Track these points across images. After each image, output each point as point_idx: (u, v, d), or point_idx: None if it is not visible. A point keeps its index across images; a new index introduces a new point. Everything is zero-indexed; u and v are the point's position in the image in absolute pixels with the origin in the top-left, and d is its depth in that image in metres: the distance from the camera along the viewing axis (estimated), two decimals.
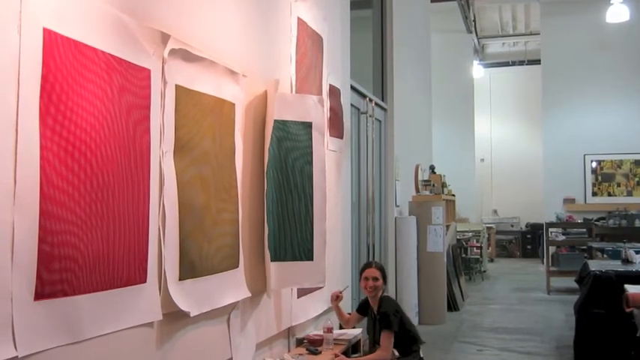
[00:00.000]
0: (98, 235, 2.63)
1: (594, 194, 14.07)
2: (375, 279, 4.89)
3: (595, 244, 10.76)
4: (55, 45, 2.39)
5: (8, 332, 2.17)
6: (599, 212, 13.35)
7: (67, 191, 2.44)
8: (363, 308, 5.17)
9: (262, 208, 4.19)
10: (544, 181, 14.49)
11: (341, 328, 5.35)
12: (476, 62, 18.11)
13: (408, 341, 4.88)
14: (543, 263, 13.24)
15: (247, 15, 4.13)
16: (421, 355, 4.96)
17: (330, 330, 4.91)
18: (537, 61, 15.92)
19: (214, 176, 3.55)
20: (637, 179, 13.91)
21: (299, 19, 4.92)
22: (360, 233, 7.25)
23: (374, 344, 4.93)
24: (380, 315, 4.83)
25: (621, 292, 5.20)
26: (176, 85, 3.20)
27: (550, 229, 12.21)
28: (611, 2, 12.22)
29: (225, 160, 3.69)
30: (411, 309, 8.43)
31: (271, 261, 4.19)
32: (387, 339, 4.73)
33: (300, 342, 4.96)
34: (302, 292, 4.92)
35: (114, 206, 2.73)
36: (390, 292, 8.22)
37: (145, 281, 2.95)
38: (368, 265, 5.06)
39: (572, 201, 14.01)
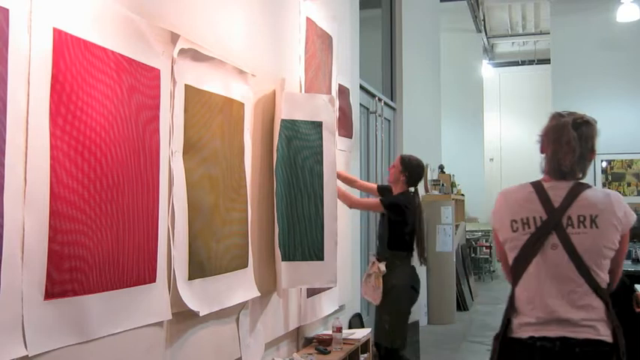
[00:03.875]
0: (108, 234, 2.64)
1: None
2: (393, 166, 5.09)
3: None
4: (65, 45, 2.39)
5: (18, 331, 2.18)
6: None
7: (77, 191, 2.45)
8: (382, 190, 5.28)
9: (271, 207, 4.19)
10: None
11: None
12: (485, 62, 18.04)
13: (400, 246, 4.91)
14: None
15: (256, 14, 4.13)
16: (412, 264, 4.99)
17: (339, 330, 4.91)
18: (547, 61, 15.84)
19: (223, 176, 3.55)
20: None
21: (308, 18, 4.91)
22: (369, 233, 7.24)
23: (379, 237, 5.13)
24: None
25: (632, 292, 5.17)
26: (185, 85, 3.20)
27: None
28: (622, 1, 12.17)
29: (235, 159, 3.69)
30: (420, 309, 8.42)
31: (282, 260, 4.19)
32: (367, 200, 5.08)
33: (309, 342, 4.96)
34: (311, 292, 4.92)
35: (123, 206, 2.73)
36: None
37: (154, 281, 2.95)
38: None
39: None
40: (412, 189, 5.03)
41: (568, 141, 2.78)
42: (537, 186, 2.83)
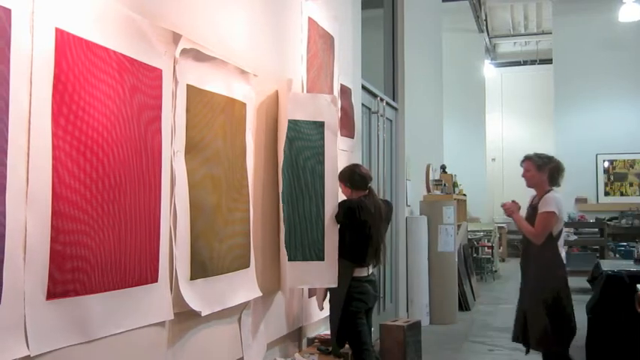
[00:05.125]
0: (110, 234, 2.64)
1: (606, 194, 13.99)
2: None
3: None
4: (67, 45, 2.39)
5: (21, 331, 2.18)
6: (611, 212, 13.27)
7: (79, 191, 2.45)
8: None
9: (274, 207, 4.19)
10: None
11: None
12: (487, 62, 18.03)
13: (340, 252, 4.42)
14: None
15: (258, 14, 4.13)
16: (355, 274, 4.42)
17: None
18: (549, 61, 15.84)
19: (225, 176, 3.55)
20: None
21: (310, 18, 4.91)
22: None
23: None
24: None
25: (633, 292, 5.17)
26: (187, 85, 3.20)
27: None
28: (624, 1, 12.15)
29: (237, 159, 3.69)
30: (421, 309, 8.42)
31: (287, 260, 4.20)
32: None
33: (311, 341, 4.96)
34: (313, 292, 4.92)
35: (125, 206, 2.74)
36: (401, 292, 8.22)
37: (156, 281, 2.95)
38: None
39: (585, 201, 13.93)
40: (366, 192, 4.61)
41: None
42: None
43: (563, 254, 5.11)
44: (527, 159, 5.05)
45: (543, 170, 4.97)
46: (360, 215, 4.40)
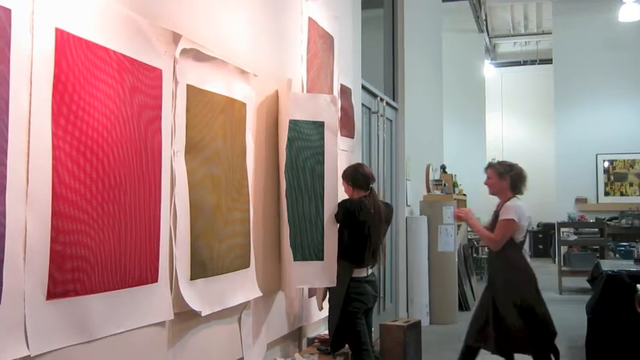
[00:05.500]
0: (110, 234, 2.64)
1: (606, 194, 13.97)
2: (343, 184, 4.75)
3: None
4: (67, 45, 2.40)
5: (21, 331, 2.18)
6: (611, 212, 13.27)
7: (79, 191, 2.45)
8: None
9: (274, 207, 4.19)
10: (556, 180, 14.40)
11: None
12: (487, 62, 18.02)
13: (340, 253, 4.42)
14: (555, 263, 13.17)
15: (258, 15, 4.13)
16: (354, 275, 4.43)
17: None
18: (549, 61, 15.82)
19: (225, 176, 3.55)
20: None
21: (310, 18, 4.91)
22: None
23: None
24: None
25: (634, 291, 5.17)
26: (187, 85, 3.20)
27: (562, 229, 12.14)
28: (624, 1, 12.14)
29: (237, 159, 3.69)
30: (421, 308, 8.42)
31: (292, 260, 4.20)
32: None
33: (311, 341, 4.96)
34: (313, 292, 4.92)
35: (125, 206, 2.74)
36: (401, 292, 8.22)
37: (156, 281, 2.95)
38: None
39: (584, 201, 13.92)
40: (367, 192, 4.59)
41: None
42: None
43: (528, 260, 5.24)
44: (490, 166, 5.13)
45: (504, 178, 5.00)
46: (359, 215, 4.39)
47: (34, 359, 2.24)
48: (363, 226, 4.43)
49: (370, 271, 4.57)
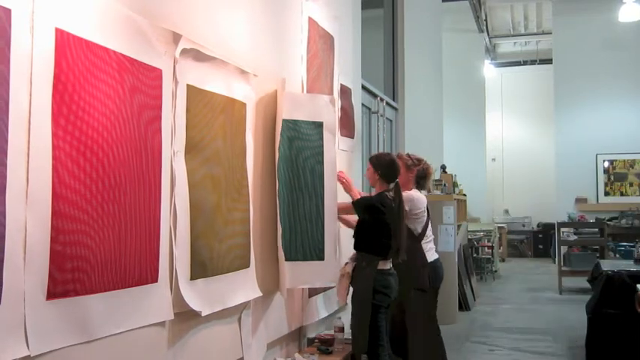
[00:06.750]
0: (110, 234, 2.64)
1: (606, 194, 13.99)
2: (367, 170, 4.80)
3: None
4: (67, 45, 2.39)
5: (21, 331, 2.18)
6: (611, 212, 13.28)
7: (79, 191, 2.45)
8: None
9: (273, 207, 4.19)
10: (556, 180, 14.42)
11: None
12: (487, 62, 18.04)
13: (366, 247, 4.52)
14: (555, 263, 13.18)
15: (258, 14, 4.13)
16: (379, 267, 4.48)
17: (341, 330, 4.91)
18: (549, 61, 15.85)
19: (225, 176, 3.55)
20: None
21: (310, 18, 4.91)
22: None
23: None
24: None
25: (634, 291, 5.18)
26: (187, 85, 3.20)
27: (562, 229, 12.15)
28: (624, 1, 12.15)
29: (236, 159, 3.69)
30: None
31: (285, 260, 4.19)
32: (341, 204, 4.67)
33: (311, 341, 4.96)
34: (313, 292, 4.92)
35: (125, 206, 2.74)
36: None
37: (156, 281, 2.95)
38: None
39: (584, 201, 13.94)
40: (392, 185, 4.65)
41: None
42: None
43: (432, 254, 5.63)
44: (398, 157, 5.18)
45: (411, 171, 5.31)
46: (383, 209, 4.46)
47: (34, 359, 2.24)
48: (386, 221, 4.48)
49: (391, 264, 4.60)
